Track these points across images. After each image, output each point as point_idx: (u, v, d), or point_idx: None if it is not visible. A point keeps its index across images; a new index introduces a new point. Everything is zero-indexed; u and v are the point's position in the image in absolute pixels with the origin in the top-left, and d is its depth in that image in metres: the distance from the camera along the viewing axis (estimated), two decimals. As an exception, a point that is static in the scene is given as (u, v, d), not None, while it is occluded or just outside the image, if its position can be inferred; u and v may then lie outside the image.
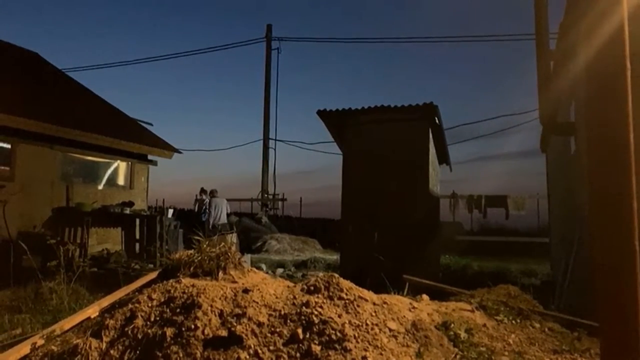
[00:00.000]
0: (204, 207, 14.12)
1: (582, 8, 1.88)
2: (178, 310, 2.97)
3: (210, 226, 11.42)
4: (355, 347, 2.61)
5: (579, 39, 4.70)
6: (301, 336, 2.68)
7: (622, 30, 1.57)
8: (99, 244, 10.57)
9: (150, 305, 3.10)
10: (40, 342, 3.16)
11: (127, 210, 10.70)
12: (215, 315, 2.88)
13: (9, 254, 7.27)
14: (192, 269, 3.55)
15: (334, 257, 13.45)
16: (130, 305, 3.14)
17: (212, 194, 12.66)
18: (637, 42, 3.97)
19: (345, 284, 3.21)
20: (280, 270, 11.68)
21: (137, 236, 11.31)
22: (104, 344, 2.88)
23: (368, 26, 58.27)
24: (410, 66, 57.82)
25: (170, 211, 12.83)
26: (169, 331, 2.79)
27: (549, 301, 6.00)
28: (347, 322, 2.78)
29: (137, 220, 11.23)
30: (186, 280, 3.31)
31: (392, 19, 55.71)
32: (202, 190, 16.20)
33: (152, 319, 2.97)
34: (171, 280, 3.36)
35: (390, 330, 2.89)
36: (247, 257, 11.11)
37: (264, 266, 11.88)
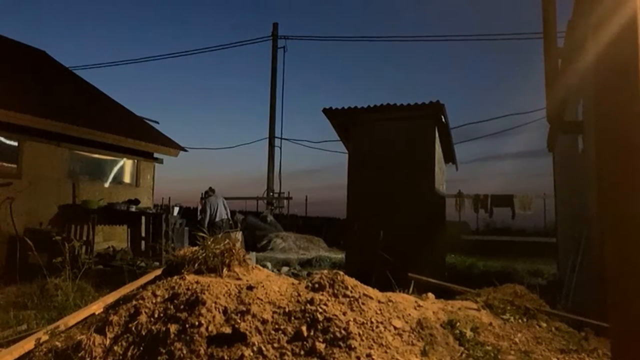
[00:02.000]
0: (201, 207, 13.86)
1: (591, 2, 1.85)
2: (182, 306, 2.96)
3: (207, 225, 11.33)
4: (359, 345, 2.59)
5: (588, 34, 4.65)
6: (305, 334, 2.66)
7: (634, 19, 1.53)
8: (105, 241, 10.61)
9: (154, 301, 3.09)
10: (45, 337, 3.16)
11: (133, 208, 10.71)
12: (219, 312, 2.87)
13: (15, 251, 7.31)
14: (196, 265, 3.53)
15: (340, 255, 13.44)
16: (134, 302, 3.13)
17: (208, 192, 12.48)
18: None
19: (350, 281, 3.19)
20: (285, 269, 11.67)
21: (143, 234, 11.33)
22: (108, 340, 2.88)
23: (375, 23, 58.17)
24: (417, 64, 57.67)
25: (176, 209, 12.83)
26: (173, 328, 2.78)
27: (556, 301, 5.95)
28: (351, 319, 2.76)
29: (143, 218, 11.24)
30: (190, 277, 3.30)
31: (400, 16, 55.57)
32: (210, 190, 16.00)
33: (156, 316, 2.97)
34: (175, 277, 3.35)
35: (395, 328, 2.86)
36: (253, 256, 11.11)
37: (269, 264, 11.88)
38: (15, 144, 8.99)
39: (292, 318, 2.80)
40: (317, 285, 3.14)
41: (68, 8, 58.68)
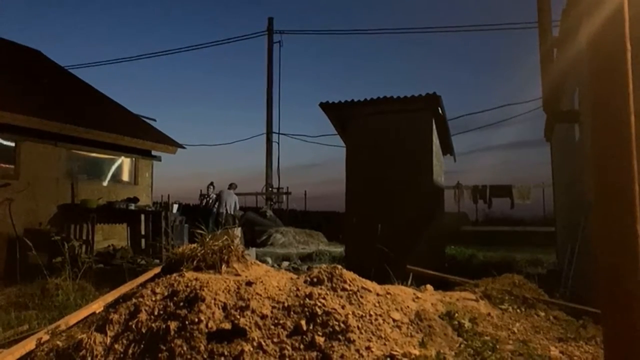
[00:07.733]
0: (210, 200, 14.54)
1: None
2: (181, 303, 2.97)
3: (216, 215, 11.74)
4: (358, 337, 2.60)
5: (581, 24, 4.64)
6: (305, 328, 2.67)
7: (622, 10, 1.54)
8: (104, 240, 10.63)
9: (153, 299, 3.10)
10: (46, 337, 3.17)
11: (132, 206, 10.73)
12: (219, 309, 2.88)
13: (15, 251, 7.32)
14: (195, 262, 3.54)
15: (339, 249, 13.46)
16: (134, 300, 3.14)
17: (231, 185, 13.71)
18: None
19: (349, 275, 3.20)
20: (285, 264, 11.70)
21: (143, 232, 11.36)
22: (109, 339, 2.89)
23: (372, 15, 58.00)
24: (413, 56, 57.52)
25: (175, 206, 12.81)
26: (173, 325, 2.79)
27: (555, 290, 5.97)
28: (350, 313, 2.78)
29: (143, 216, 11.27)
30: (189, 274, 3.31)
31: (396, 8, 55.37)
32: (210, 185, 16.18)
33: (156, 313, 2.98)
34: (174, 274, 3.35)
35: (393, 320, 2.88)
36: (252, 251, 11.15)
37: (269, 260, 11.90)
38: (12, 144, 8.97)
39: (291, 313, 2.81)
40: (315, 280, 3.16)
41: (63, 7, 58.42)
